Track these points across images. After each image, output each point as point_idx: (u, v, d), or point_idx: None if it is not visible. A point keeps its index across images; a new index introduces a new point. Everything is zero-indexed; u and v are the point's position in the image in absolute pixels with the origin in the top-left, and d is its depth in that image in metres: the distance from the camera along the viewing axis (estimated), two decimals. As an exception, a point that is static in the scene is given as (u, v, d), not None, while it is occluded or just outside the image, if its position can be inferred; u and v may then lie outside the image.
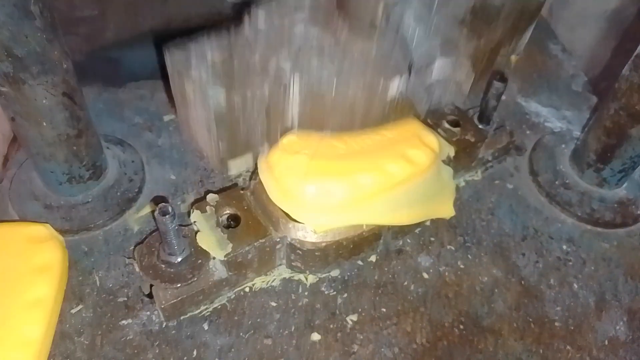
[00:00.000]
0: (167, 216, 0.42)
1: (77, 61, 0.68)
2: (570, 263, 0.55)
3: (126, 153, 0.58)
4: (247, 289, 0.50)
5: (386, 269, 0.53)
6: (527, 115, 0.70)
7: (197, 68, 0.32)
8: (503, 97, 0.72)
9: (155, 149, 0.61)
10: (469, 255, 0.55)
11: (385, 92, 0.34)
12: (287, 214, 0.48)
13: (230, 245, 0.47)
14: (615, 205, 0.59)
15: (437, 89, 0.32)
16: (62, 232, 0.51)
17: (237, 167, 0.40)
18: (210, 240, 0.47)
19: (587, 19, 1.02)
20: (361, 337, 0.48)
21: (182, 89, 0.33)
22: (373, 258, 0.54)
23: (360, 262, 0.53)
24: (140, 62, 0.68)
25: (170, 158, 0.60)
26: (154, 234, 0.48)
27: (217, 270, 0.48)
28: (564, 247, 0.57)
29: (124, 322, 0.47)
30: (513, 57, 0.79)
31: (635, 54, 0.52)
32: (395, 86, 0.34)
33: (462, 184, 0.61)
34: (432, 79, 0.32)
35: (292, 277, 0.52)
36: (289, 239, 0.49)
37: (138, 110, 0.65)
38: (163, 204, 0.43)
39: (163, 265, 0.46)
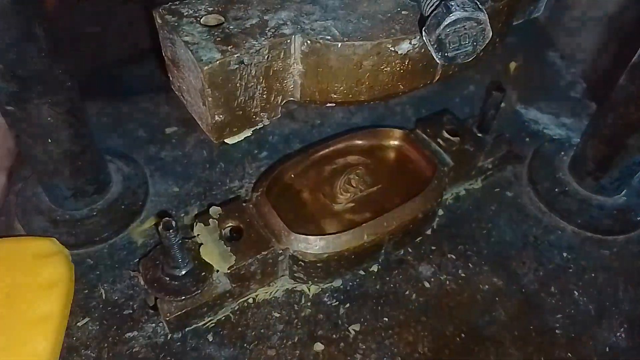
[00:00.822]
0: (170, 230, 0.43)
1: (80, 77, 0.69)
2: (571, 271, 0.56)
3: (129, 167, 0.59)
4: (250, 300, 0.51)
5: (388, 278, 0.54)
6: (526, 123, 0.71)
7: (189, 30, 0.32)
8: (502, 105, 0.73)
9: (158, 162, 0.62)
10: (469, 264, 0.55)
11: (395, 53, 0.33)
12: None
13: (234, 258, 0.47)
14: (615, 212, 0.60)
15: (451, 49, 0.31)
16: (68, 246, 0.52)
17: (235, 137, 0.39)
18: (214, 253, 0.47)
19: (586, 24, 1.03)
20: (364, 347, 0.49)
21: (173, 54, 0.33)
22: (375, 268, 0.54)
23: (362, 272, 0.54)
24: (141, 77, 0.69)
25: (173, 171, 0.61)
26: (157, 247, 0.49)
27: (221, 282, 0.48)
28: (564, 254, 0.57)
29: (129, 334, 0.48)
30: (512, 65, 0.80)
31: (631, 63, 0.53)
32: (405, 47, 0.33)
33: (463, 192, 0.62)
34: (445, 38, 0.31)
35: (295, 288, 0.52)
36: (291, 251, 0.49)
37: (141, 124, 0.66)
38: (166, 218, 0.43)
39: (167, 278, 0.47)
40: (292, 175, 0.56)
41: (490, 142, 0.61)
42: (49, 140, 0.47)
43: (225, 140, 0.36)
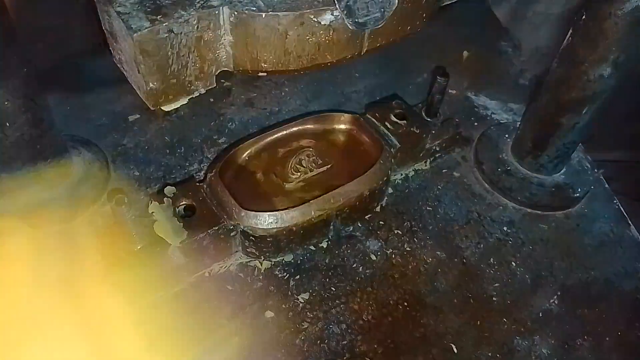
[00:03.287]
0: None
1: (44, 68, 0.71)
2: (510, 244, 0.59)
3: (91, 152, 0.61)
4: (206, 275, 0.54)
5: (337, 252, 0.57)
6: (475, 109, 0.75)
7: (122, 2, 0.35)
8: (453, 92, 0.77)
9: (120, 148, 0.64)
10: (415, 239, 0.59)
11: (318, 24, 0.36)
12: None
13: (186, 233, 0.50)
14: (553, 189, 0.63)
15: (360, 15, 0.34)
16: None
17: (171, 104, 0.41)
18: (167, 228, 0.50)
19: (549, 18, 1.07)
20: (311, 315, 0.52)
21: (110, 26, 0.35)
22: (324, 244, 0.57)
23: (312, 248, 0.57)
24: (104, 67, 0.71)
25: (135, 156, 0.64)
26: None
27: (175, 257, 0.51)
28: (505, 229, 0.61)
29: (88, 308, 0.51)
30: (465, 53, 0.83)
31: (562, 47, 0.57)
32: (328, 18, 0.36)
33: (412, 173, 0.65)
34: (353, 5, 0.34)
35: (248, 262, 0.55)
36: (242, 227, 0.52)
37: (103, 113, 0.68)
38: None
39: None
40: (247, 158, 0.59)
41: (437, 126, 0.64)
42: (7, 124, 0.49)
43: (162, 107, 0.39)
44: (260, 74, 0.40)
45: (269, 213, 0.52)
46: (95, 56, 0.71)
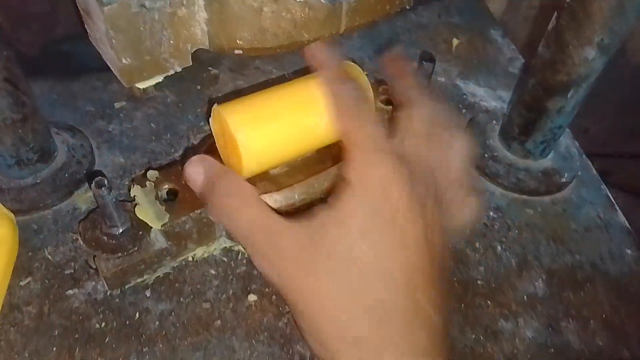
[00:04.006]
0: (102, 188, 0.45)
1: (30, 55, 0.71)
2: (496, 228, 0.59)
3: (75, 138, 0.61)
4: (189, 259, 0.54)
5: (321, 238, 0.56)
6: (464, 96, 0.74)
7: None
8: (442, 80, 0.76)
9: (105, 134, 0.64)
10: (400, 224, 0.58)
11: (293, 0, 0.36)
12: None
13: (167, 216, 0.50)
14: (540, 174, 0.63)
15: None
16: (13, 212, 0.54)
17: (146, 82, 0.41)
18: (149, 212, 0.50)
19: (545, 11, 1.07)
20: (294, 299, 0.52)
21: (85, 3, 0.35)
22: (310, 229, 0.57)
23: (297, 233, 0.57)
24: (91, 55, 0.70)
25: (120, 143, 0.64)
26: (97, 209, 0.51)
27: (158, 241, 0.51)
28: (491, 214, 0.61)
29: (70, 292, 0.50)
30: (454, 41, 0.83)
31: (547, 30, 0.56)
32: None
33: (398, 159, 0.65)
34: None
35: (232, 247, 0.55)
36: (225, 211, 0.52)
37: (90, 100, 0.68)
38: (99, 177, 0.46)
39: (105, 238, 0.49)
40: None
41: (424, 112, 0.64)
42: (-12, 108, 0.49)
43: (137, 85, 0.39)
44: (236, 51, 0.39)
45: (252, 196, 0.52)
46: (81, 43, 0.71)
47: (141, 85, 0.38)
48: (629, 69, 1.33)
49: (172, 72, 0.39)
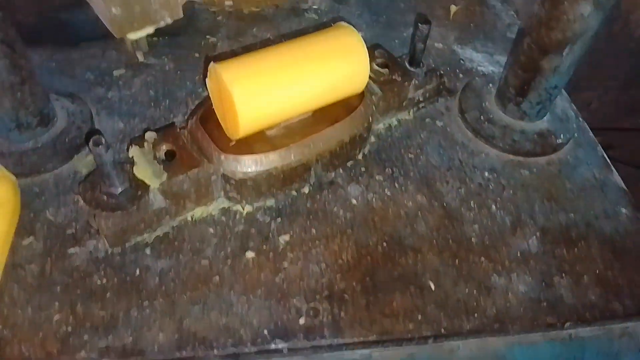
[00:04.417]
0: (100, 147, 0.46)
1: (27, 23, 0.72)
2: (491, 188, 0.60)
3: (75, 104, 0.62)
4: (188, 219, 0.55)
5: (318, 197, 0.57)
6: (461, 61, 0.74)
7: None
8: (439, 45, 0.76)
9: (104, 101, 0.65)
10: (396, 185, 0.59)
11: None
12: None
13: (165, 175, 0.51)
14: (536, 136, 0.63)
15: None
16: (14, 175, 0.55)
17: (137, 32, 0.41)
18: (147, 171, 0.51)
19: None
20: (291, 255, 0.53)
21: None
22: (306, 189, 0.58)
23: (294, 193, 0.57)
24: (90, 23, 0.71)
25: (120, 109, 0.64)
26: (96, 170, 0.52)
27: (157, 200, 0.52)
28: (486, 174, 0.61)
29: (72, 250, 0.52)
30: (452, 7, 0.83)
31: (542, -11, 0.56)
32: None
33: (395, 123, 0.65)
34: None
35: (230, 207, 0.56)
36: (222, 171, 0.53)
37: (89, 68, 0.69)
38: (96, 136, 0.46)
39: (105, 197, 0.50)
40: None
41: (420, 75, 0.64)
42: (-14, 70, 0.49)
43: (128, 36, 0.39)
44: (226, 2, 0.40)
45: (248, 156, 0.53)
46: (78, 11, 0.72)
47: (132, 36, 0.39)
48: (632, 42, 1.32)
49: (162, 24, 0.39)
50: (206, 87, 0.54)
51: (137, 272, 0.51)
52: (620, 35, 1.30)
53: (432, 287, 0.51)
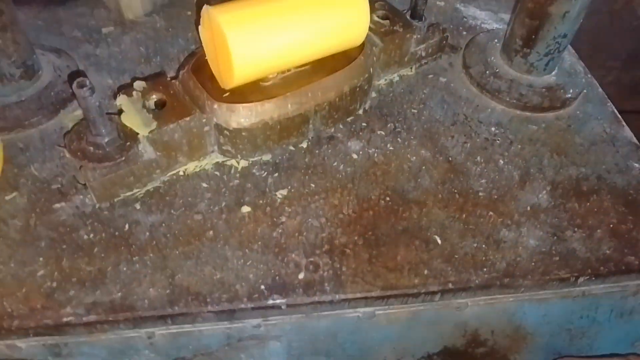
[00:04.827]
0: (84, 89, 0.43)
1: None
2: (498, 142, 0.57)
3: (61, 59, 0.59)
4: (180, 173, 0.52)
5: (317, 152, 0.55)
6: (464, 19, 0.72)
7: None
8: (441, 4, 0.74)
9: (92, 58, 0.62)
10: (398, 139, 0.56)
11: None
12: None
13: (155, 123, 0.48)
14: (544, 90, 0.61)
15: None
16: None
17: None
18: (135, 119, 0.48)
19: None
20: (289, 210, 0.50)
21: None
22: (304, 144, 0.55)
23: (291, 148, 0.55)
24: (77, -21, 0.68)
25: (108, 66, 0.61)
26: (82, 121, 0.49)
27: (146, 152, 0.49)
28: (493, 129, 0.58)
29: (57, 205, 0.49)
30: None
31: None
32: None
33: (396, 78, 0.62)
34: None
35: (225, 161, 0.53)
36: (215, 120, 0.50)
37: (77, 25, 0.66)
38: (81, 78, 0.44)
39: (91, 148, 0.48)
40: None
41: (422, 29, 0.61)
42: (-36, 11, 0.46)
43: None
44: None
45: (242, 105, 0.50)
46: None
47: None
48: (635, 20, 1.29)
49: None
50: (200, 41, 0.52)
51: (127, 226, 0.48)
52: (623, 13, 1.28)
53: (439, 240, 0.49)
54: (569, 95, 0.61)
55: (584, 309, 0.52)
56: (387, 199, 0.51)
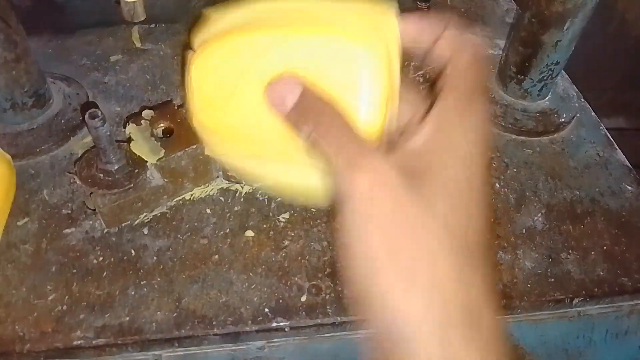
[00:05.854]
0: (96, 119, 0.45)
1: (25, 7, 0.71)
2: (494, 167, 0.59)
3: (71, 87, 0.61)
4: (187, 199, 0.54)
5: (318, 177, 0.56)
6: (461, 45, 0.74)
7: None
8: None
9: (101, 85, 0.64)
10: (397, 164, 0.58)
11: None
12: None
13: (163, 151, 0.50)
14: (538, 114, 0.63)
15: None
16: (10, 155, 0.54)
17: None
18: (144, 147, 0.50)
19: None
20: (292, 234, 0.51)
21: None
22: (306, 169, 0.57)
23: (294, 173, 0.56)
24: (86, 9, 0.70)
25: (116, 93, 0.63)
26: (93, 149, 0.51)
27: (154, 178, 0.51)
28: (489, 153, 0.60)
29: (67, 230, 0.50)
30: (450, -6, 0.82)
31: (542, -37, 0.56)
32: None
33: (395, 104, 0.64)
34: None
35: (229, 187, 0.55)
36: (220, 147, 0.52)
37: (85, 54, 0.68)
38: (92, 109, 0.46)
39: (101, 175, 0.49)
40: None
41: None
42: (-20, 46, 0.48)
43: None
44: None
45: (247, 132, 0.51)
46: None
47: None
48: (629, 41, 1.32)
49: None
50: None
51: (134, 251, 0.49)
52: (617, 35, 1.30)
53: (437, 263, 0.50)
54: (563, 120, 0.63)
55: (580, 329, 0.53)
56: (387, 222, 0.53)
